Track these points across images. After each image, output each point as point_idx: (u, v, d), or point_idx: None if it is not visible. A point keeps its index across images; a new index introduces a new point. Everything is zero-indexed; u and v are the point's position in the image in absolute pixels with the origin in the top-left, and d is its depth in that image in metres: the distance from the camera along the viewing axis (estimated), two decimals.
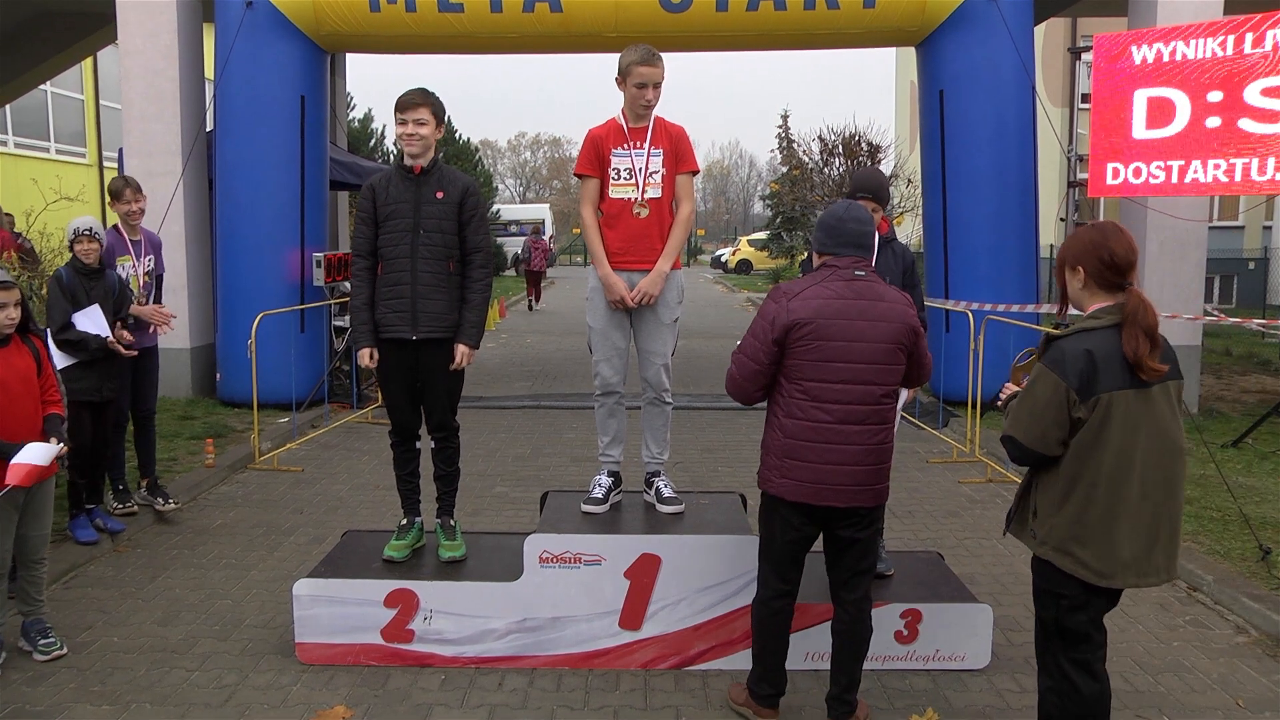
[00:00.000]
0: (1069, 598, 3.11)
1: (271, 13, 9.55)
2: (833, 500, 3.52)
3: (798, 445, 3.50)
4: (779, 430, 3.55)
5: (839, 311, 3.46)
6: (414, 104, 4.43)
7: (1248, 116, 7.91)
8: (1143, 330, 2.96)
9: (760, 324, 3.53)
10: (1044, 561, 3.15)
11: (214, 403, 9.85)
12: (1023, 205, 9.72)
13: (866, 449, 3.51)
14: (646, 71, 4.48)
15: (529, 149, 79.89)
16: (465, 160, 31.73)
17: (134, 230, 6.15)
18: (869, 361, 3.47)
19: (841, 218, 3.60)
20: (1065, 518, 3.06)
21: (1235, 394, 10.88)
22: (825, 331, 3.44)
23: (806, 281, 3.54)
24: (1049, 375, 3.02)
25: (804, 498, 3.53)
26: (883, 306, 3.51)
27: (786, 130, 36.90)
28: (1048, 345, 3.13)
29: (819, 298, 3.47)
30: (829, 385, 3.46)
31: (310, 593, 4.35)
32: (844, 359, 3.45)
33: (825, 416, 3.47)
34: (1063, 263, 3.20)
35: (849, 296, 3.48)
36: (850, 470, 3.50)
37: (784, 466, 3.54)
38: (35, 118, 19.52)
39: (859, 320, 3.47)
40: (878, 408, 3.51)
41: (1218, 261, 20.21)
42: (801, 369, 3.47)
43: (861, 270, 3.55)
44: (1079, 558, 3.05)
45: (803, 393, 3.48)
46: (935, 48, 9.80)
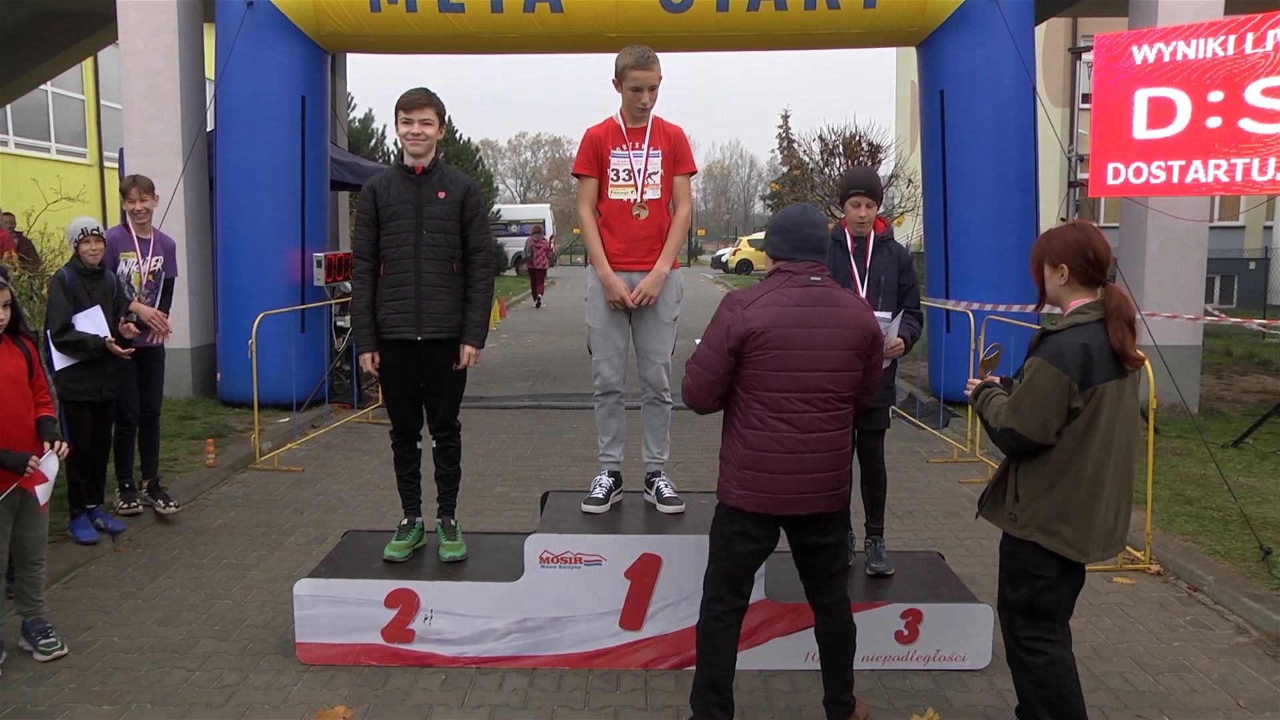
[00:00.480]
0: (1045, 578, 3.28)
1: (272, 13, 9.55)
2: (796, 509, 3.46)
3: (759, 456, 3.41)
4: (739, 442, 3.45)
5: (797, 320, 3.36)
6: (420, 104, 4.42)
7: (1248, 116, 7.90)
8: (1126, 323, 3.16)
9: (715, 333, 3.41)
10: (1022, 543, 3.30)
11: (214, 403, 9.85)
12: (1023, 205, 9.72)
13: (828, 456, 3.45)
14: (641, 75, 4.48)
15: (529, 149, 79.95)
16: (466, 160, 31.73)
17: (143, 229, 6.15)
18: (828, 369, 3.40)
19: (798, 221, 3.49)
20: (1053, 500, 3.22)
21: (1236, 394, 10.87)
22: (783, 340, 3.35)
23: (762, 288, 3.44)
24: (1049, 369, 3.14)
25: (766, 509, 3.45)
26: (841, 312, 3.43)
27: (787, 130, 36.96)
28: (1041, 341, 3.25)
29: (776, 305, 3.37)
30: (788, 395, 3.37)
31: (311, 593, 4.35)
32: (803, 368, 3.37)
33: (785, 427, 3.39)
34: (1041, 261, 3.32)
35: (806, 304, 3.39)
36: (812, 478, 3.43)
37: (744, 478, 3.44)
38: (36, 118, 19.52)
39: (818, 328, 3.38)
40: (837, 414, 3.46)
41: (1218, 261, 20.21)
42: (759, 379, 3.38)
43: (817, 276, 3.45)
44: (1064, 536, 3.22)
45: (761, 403, 3.39)
46: (936, 48, 9.80)
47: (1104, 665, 4.42)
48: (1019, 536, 3.29)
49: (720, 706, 3.58)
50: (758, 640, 4.34)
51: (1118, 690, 4.17)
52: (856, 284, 4.74)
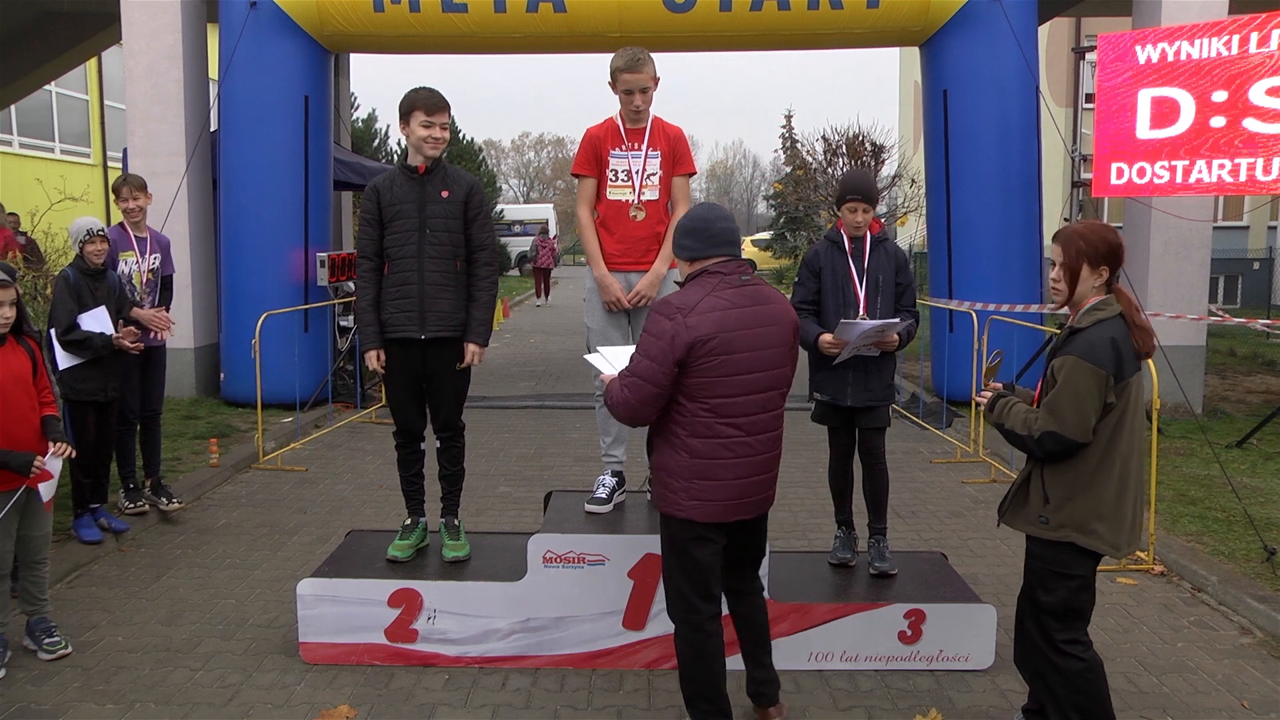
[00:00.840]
0: (1080, 577, 3.28)
1: (275, 13, 9.56)
2: (745, 514, 3.44)
3: (708, 465, 3.33)
4: (684, 452, 3.35)
5: (740, 322, 3.30)
6: (442, 107, 4.43)
7: (1252, 116, 7.89)
8: (1139, 318, 3.27)
9: (657, 344, 3.26)
10: (1055, 544, 3.28)
11: (218, 402, 9.86)
12: (1027, 205, 9.71)
13: (771, 456, 3.46)
14: (631, 78, 4.48)
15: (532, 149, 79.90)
16: (469, 160, 31.75)
17: (139, 228, 6.16)
18: (771, 368, 3.39)
19: (708, 219, 3.42)
20: (1090, 498, 3.22)
21: (1240, 394, 10.85)
22: (730, 345, 3.27)
23: (696, 293, 3.32)
24: (1085, 366, 3.15)
25: (716, 517, 3.38)
26: (773, 309, 3.42)
27: (790, 130, 36.86)
28: (1069, 339, 3.24)
29: (717, 310, 3.28)
30: (736, 399, 3.32)
31: (314, 592, 4.36)
32: (750, 370, 3.32)
33: (735, 432, 3.33)
34: (1083, 260, 3.26)
35: (744, 304, 3.34)
36: (759, 480, 3.44)
37: (693, 488, 3.35)
38: (40, 118, 19.56)
39: (757, 328, 3.34)
40: (778, 413, 3.46)
41: (1222, 262, 20.17)
42: (707, 386, 3.28)
43: (746, 275, 3.42)
44: (1099, 534, 3.24)
45: (709, 410, 3.31)
46: (939, 48, 9.79)
47: (1108, 666, 4.37)
48: (1053, 538, 3.27)
49: (719, 714, 3.51)
50: None
51: (1121, 691, 4.16)
52: (855, 285, 4.74)
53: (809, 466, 7.85)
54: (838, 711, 4.01)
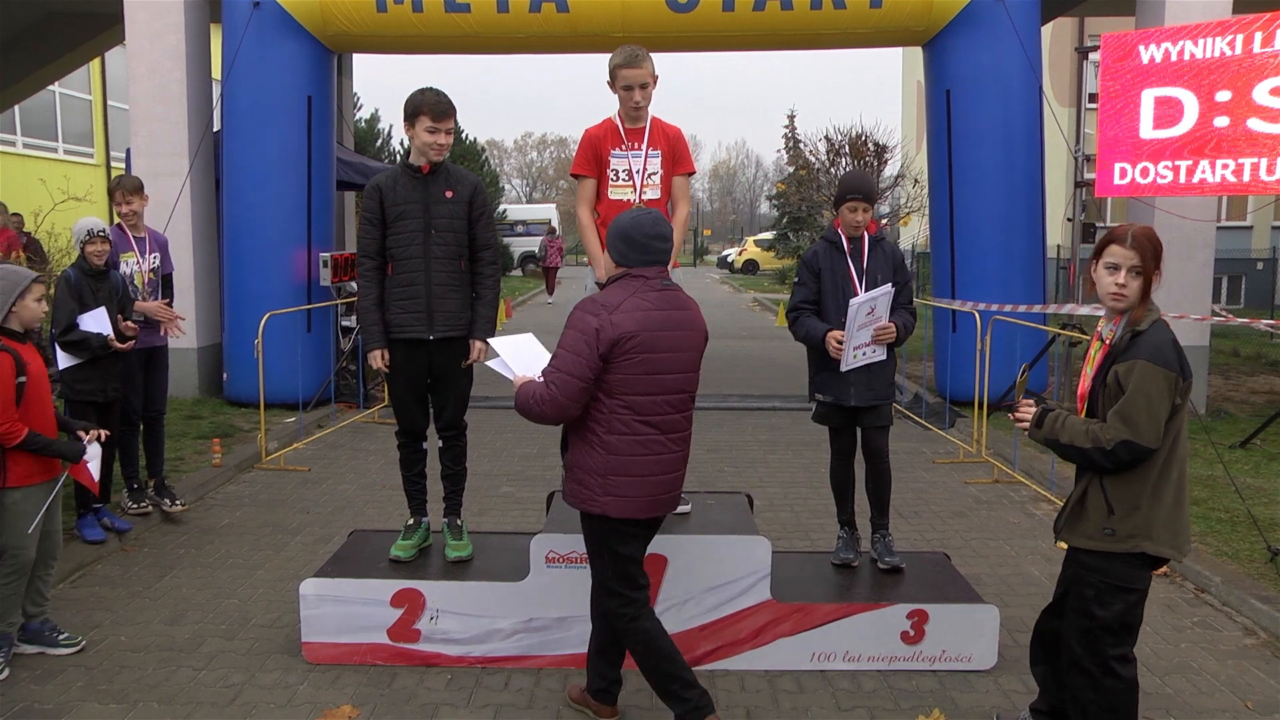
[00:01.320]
0: (1139, 590, 3.20)
1: (278, 13, 9.57)
2: (658, 511, 3.53)
3: (624, 461, 3.41)
4: (601, 449, 3.43)
5: (660, 323, 3.42)
6: (449, 113, 4.42)
7: (1256, 116, 7.88)
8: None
9: (581, 339, 3.36)
10: (1117, 556, 3.17)
11: (221, 402, 9.87)
12: (1029, 205, 9.70)
13: (681, 456, 3.55)
14: (630, 74, 4.48)
15: (535, 149, 79.98)
16: (472, 160, 31.77)
17: (137, 228, 6.17)
18: (686, 370, 3.51)
19: (649, 234, 3.48)
20: (1156, 504, 3.14)
21: (1243, 395, 10.84)
22: (650, 344, 3.38)
23: (620, 293, 3.43)
24: (1156, 370, 3.05)
25: (631, 513, 3.46)
26: (689, 314, 3.54)
27: (793, 130, 36.85)
28: (1134, 342, 3.12)
29: (640, 310, 3.39)
30: (653, 398, 3.42)
31: (317, 592, 4.36)
32: (667, 370, 3.43)
33: (650, 430, 3.43)
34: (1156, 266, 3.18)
35: (665, 308, 3.45)
36: (672, 478, 3.53)
37: (609, 485, 3.43)
38: (43, 118, 19.59)
39: (675, 331, 3.46)
40: (689, 414, 3.58)
41: (1225, 262, 20.16)
42: (627, 383, 3.38)
43: (667, 280, 3.53)
44: (1165, 539, 3.16)
45: (626, 407, 3.40)
46: (942, 48, 9.78)
47: None
48: (1121, 550, 3.16)
49: (691, 685, 3.55)
50: (763, 641, 4.34)
51: None
52: (855, 284, 4.74)
53: (811, 466, 7.85)
54: (840, 712, 4.01)
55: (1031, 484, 7.34)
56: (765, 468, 7.93)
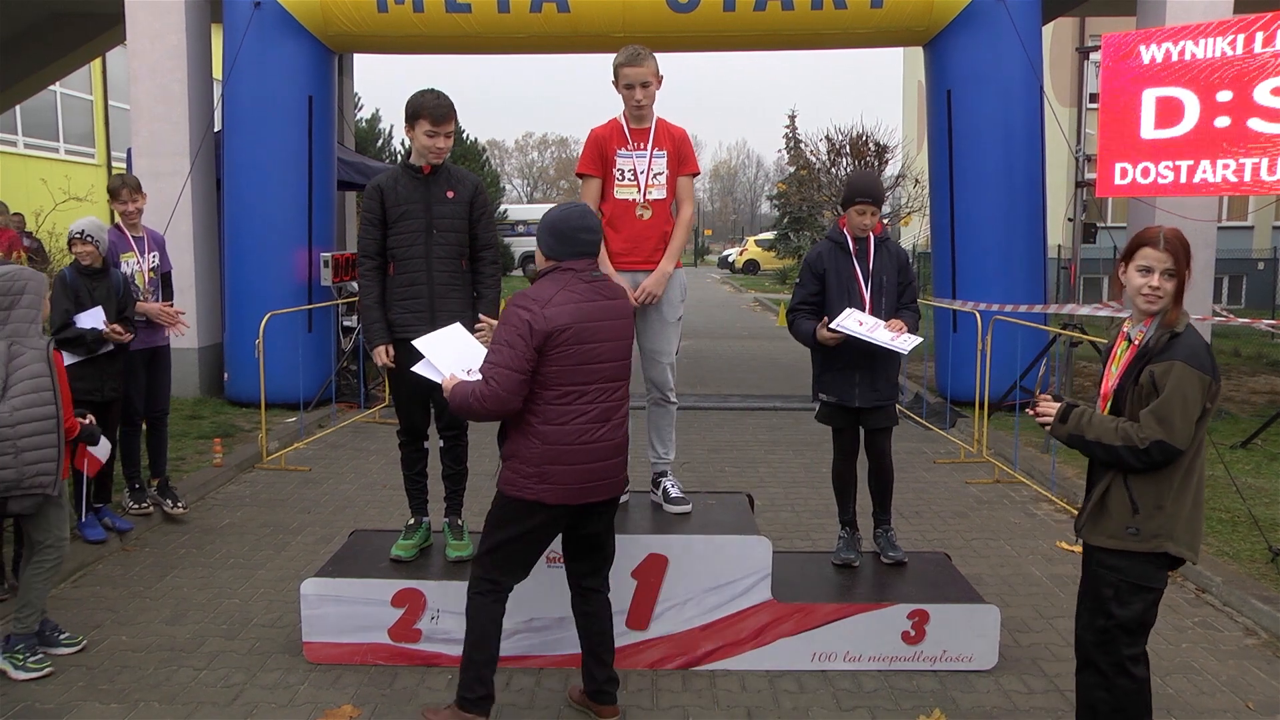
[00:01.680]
0: (1157, 590, 3.20)
1: (279, 13, 9.57)
2: (597, 496, 3.60)
3: (560, 450, 3.50)
4: (536, 439, 3.51)
5: (591, 314, 3.52)
6: (448, 117, 4.40)
7: (1257, 116, 7.87)
8: None
9: (516, 334, 3.45)
10: (1139, 555, 3.16)
11: (221, 402, 9.88)
12: (1030, 205, 9.70)
13: (618, 443, 3.64)
14: (632, 72, 4.49)
15: (536, 149, 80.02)
16: (472, 160, 31.77)
17: (135, 228, 6.17)
18: (616, 359, 3.61)
19: (575, 228, 3.58)
20: (1178, 505, 3.14)
21: (1244, 395, 10.84)
22: (584, 335, 3.49)
23: (550, 287, 3.52)
24: (1192, 373, 3.05)
25: (568, 499, 3.54)
26: (618, 304, 3.65)
27: (794, 130, 36.85)
28: (1171, 344, 3.13)
29: (571, 302, 3.50)
30: (587, 386, 3.52)
31: (318, 592, 4.36)
32: (599, 359, 3.54)
33: (584, 418, 3.52)
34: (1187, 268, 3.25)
35: (595, 298, 3.56)
36: (609, 465, 3.61)
37: (544, 473, 3.51)
38: (44, 118, 19.60)
39: (605, 320, 3.56)
40: (623, 400, 3.66)
41: (1226, 262, 20.15)
42: (561, 374, 3.48)
43: (596, 271, 3.64)
44: (1185, 540, 3.15)
45: (561, 397, 3.50)
46: (943, 48, 9.78)
47: None
48: (1145, 550, 3.15)
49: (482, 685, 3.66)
50: (764, 641, 4.34)
51: None
52: (860, 285, 4.74)
53: (812, 466, 7.85)
54: (841, 712, 4.01)
55: (1032, 484, 7.33)
56: (766, 468, 7.93)
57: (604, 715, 3.86)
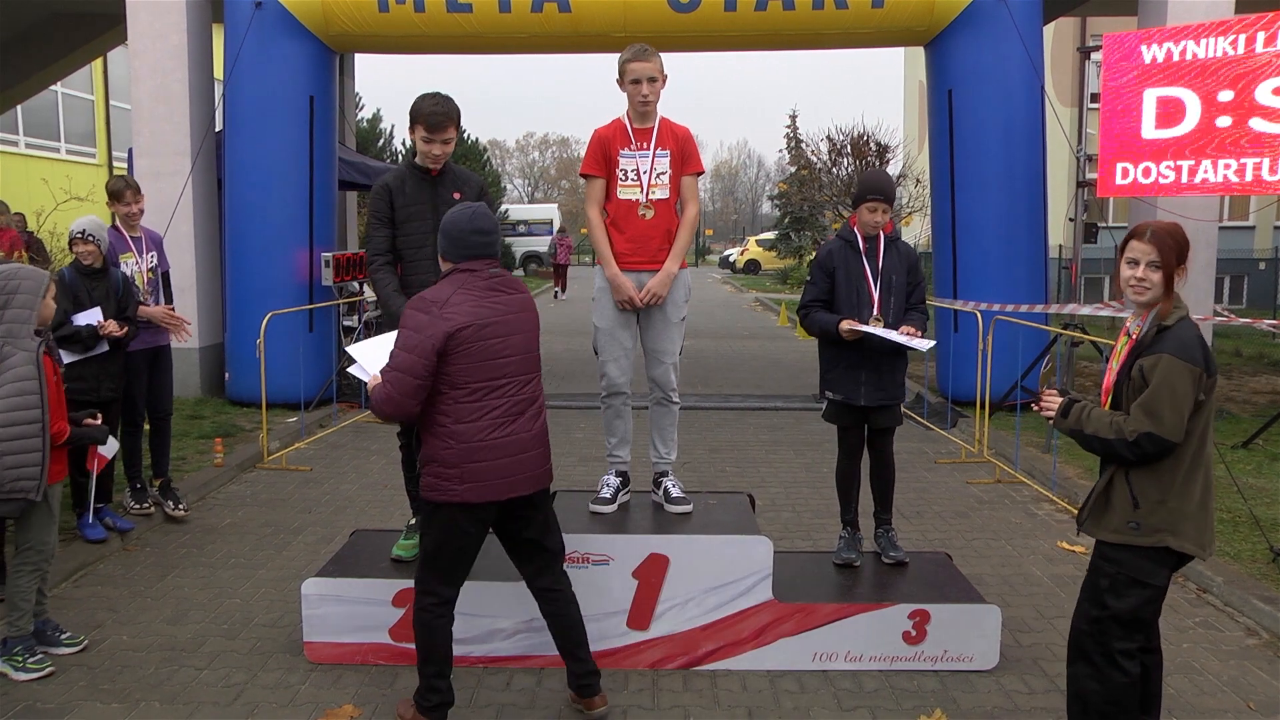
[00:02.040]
0: (1155, 586, 3.20)
1: (280, 13, 9.57)
2: (519, 490, 3.61)
3: (475, 447, 3.52)
4: (451, 439, 3.53)
5: (490, 311, 3.55)
6: (443, 125, 4.38)
7: (1258, 116, 7.87)
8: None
9: (415, 337, 3.47)
10: (1139, 549, 3.18)
11: (223, 402, 9.88)
12: (1031, 205, 9.69)
13: (534, 435, 3.66)
14: (639, 67, 4.49)
15: (537, 149, 79.94)
16: (474, 160, 31.77)
17: (133, 228, 6.17)
18: (520, 352, 3.63)
19: (465, 230, 3.60)
20: (1182, 500, 3.14)
21: (1245, 395, 10.83)
22: (483, 333, 3.52)
23: (448, 288, 3.56)
24: (1182, 365, 3.07)
25: (491, 496, 3.56)
26: (520, 298, 3.69)
27: (795, 130, 36.85)
28: (1160, 337, 3.16)
29: (469, 300, 3.53)
30: (494, 382, 3.55)
31: (318, 592, 4.36)
32: (503, 354, 3.56)
33: (494, 413, 3.55)
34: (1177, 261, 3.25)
35: (493, 295, 3.59)
36: (527, 458, 3.62)
37: (464, 472, 3.53)
38: (46, 118, 19.61)
39: (506, 316, 3.59)
40: (534, 393, 3.69)
41: (1228, 261, 20.14)
42: (467, 372, 3.51)
43: (495, 269, 3.65)
44: (1190, 535, 3.16)
45: (470, 395, 3.52)
46: (944, 47, 9.78)
47: None
48: (1145, 544, 3.16)
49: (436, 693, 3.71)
50: (765, 641, 4.34)
51: None
52: (869, 284, 4.74)
53: (813, 466, 7.85)
54: (842, 712, 4.01)
55: (1033, 484, 7.33)
56: (767, 468, 7.93)
57: (589, 708, 3.86)
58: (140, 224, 6.27)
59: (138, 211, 6.13)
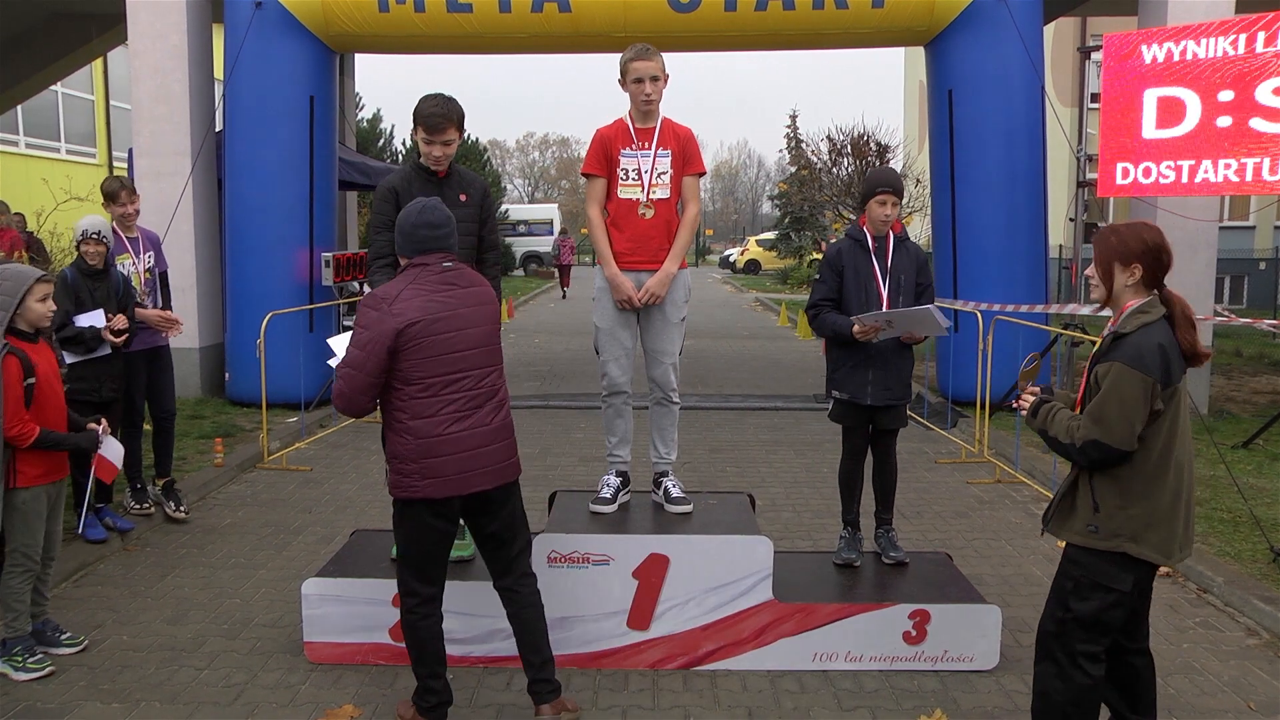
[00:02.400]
0: (1119, 591, 3.18)
1: (281, 13, 9.57)
2: (480, 484, 3.59)
3: (432, 443, 3.52)
4: (409, 435, 3.53)
5: (442, 305, 3.53)
6: (442, 127, 4.35)
7: (1259, 116, 7.87)
8: (1191, 325, 3.18)
9: (365, 334, 3.49)
10: (1101, 554, 3.17)
11: (223, 402, 9.88)
12: (1032, 205, 9.69)
13: (494, 428, 3.63)
14: (641, 66, 4.49)
15: (537, 149, 79.93)
16: (474, 160, 31.80)
17: (130, 229, 6.16)
18: (477, 346, 3.60)
19: (415, 224, 3.60)
20: (1145, 507, 3.13)
21: (1246, 395, 10.83)
22: (435, 327, 3.50)
23: (399, 284, 3.56)
24: (1133, 373, 3.05)
25: (451, 491, 3.55)
26: (476, 291, 3.66)
27: (795, 130, 36.86)
28: (1113, 345, 3.14)
29: (420, 296, 3.52)
30: (448, 376, 3.53)
31: (319, 592, 4.36)
32: (456, 349, 3.54)
33: (451, 407, 3.53)
34: (1113, 260, 3.21)
35: (445, 289, 3.57)
36: (487, 451, 3.60)
37: (424, 468, 3.52)
38: (46, 118, 19.61)
39: (460, 309, 3.57)
40: (493, 387, 3.66)
41: (1228, 262, 20.14)
42: (420, 367, 3.50)
43: (449, 262, 3.63)
44: (1152, 543, 3.13)
45: (425, 390, 3.52)
46: (944, 47, 9.78)
47: None
48: (1104, 548, 3.16)
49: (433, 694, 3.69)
50: (765, 641, 4.34)
51: None
52: (879, 283, 4.74)
53: (813, 467, 7.84)
54: (842, 712, 4.01)
55: (1033, 484, 7.33)
56: (767, 468, 7.93)
57: (536, 714, 3.76)
58: (137, 224, 6.27)
59: (133, 212, 6.12)
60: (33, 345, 4.29)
